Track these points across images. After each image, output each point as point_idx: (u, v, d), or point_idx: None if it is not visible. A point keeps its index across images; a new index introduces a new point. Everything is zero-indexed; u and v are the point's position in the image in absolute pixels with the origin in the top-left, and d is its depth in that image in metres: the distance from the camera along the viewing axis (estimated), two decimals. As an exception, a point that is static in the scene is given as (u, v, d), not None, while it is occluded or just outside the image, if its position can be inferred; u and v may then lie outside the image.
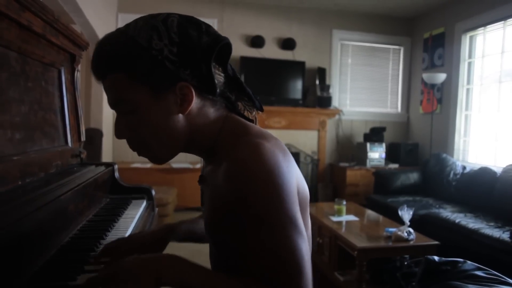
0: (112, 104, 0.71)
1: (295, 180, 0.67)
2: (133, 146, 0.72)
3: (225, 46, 0.71)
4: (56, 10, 1.11)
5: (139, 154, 0.73)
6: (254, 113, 0.81)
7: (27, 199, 0.81)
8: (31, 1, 0.93)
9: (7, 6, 0.84)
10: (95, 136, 3.60)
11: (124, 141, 0.72)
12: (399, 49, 5.38)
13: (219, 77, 0.72)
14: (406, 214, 2.44)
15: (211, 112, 0.73)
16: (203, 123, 0.72)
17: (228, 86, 0.75)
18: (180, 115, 0.70)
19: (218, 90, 0.71)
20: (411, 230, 2.41)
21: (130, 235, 0.90)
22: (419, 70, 5.16)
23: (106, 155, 4.25)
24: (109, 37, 0.69)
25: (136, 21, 0.70)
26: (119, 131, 0.72)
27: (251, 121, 0.79)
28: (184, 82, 0.67)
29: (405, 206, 2.48)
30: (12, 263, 0.70)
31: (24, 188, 0.91)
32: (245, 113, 0.80)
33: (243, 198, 0.61)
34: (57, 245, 0.90)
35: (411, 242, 2.37)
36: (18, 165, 0.92)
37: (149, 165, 4.39)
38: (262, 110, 0.80)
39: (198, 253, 3.39)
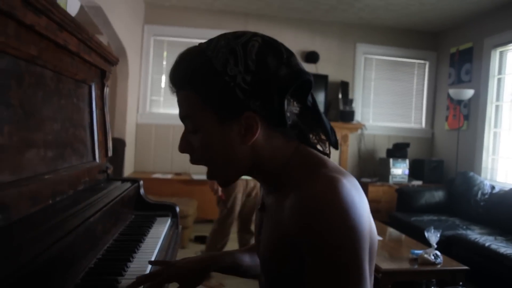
0: (181, 119, 0.70)
1: (368, 222, 0.61)
2: (194, 162, 0.71)
3: (305, 82, 0.67)
4: (86, 22, 1.11)
5: (207, 176, 0.72)
6: (327, 148, 0.75)
7: (57, 222, 0.80)
8: (68, 21, 0.94)
9: (47, 28, 0.85)
10: (118, 146, 3.64)
11: (145, 152, 0.70)
12: (424, 64, 5.27)
13: (293, 109, 0.68)
14: (433, 236, 2.35)
15: (280, 143, 0.69)
16: (270, 154, 0.68)
17: (303, 117, 0.70)
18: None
19: (290, 122, 0.67)
20: (438, 253, 2.32)
21: (176, 261, 0.90)
22: (445, 85, 5.04)
23: (128, 165, 4.29)
24: (188, 53, 0.68)
25: (219, 38, 0.67)
26: (182, 146, 0.71)
27: (325, 154, 0.73)
28: (251, 113, 0.64)
29: (432, 227, 2.39)
30: (42, 289, 0.69)
31: (54, 207, 0.90)
32: (318, 146, 0.74)
33: (312, 238, 0.56)
34: (85, 267, 0.89)
35: (439, 266, 2.28)
36: (49, 184, 0.92)
37: (169, 175, 4.40)
38: (336, 148, 0.74)
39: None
